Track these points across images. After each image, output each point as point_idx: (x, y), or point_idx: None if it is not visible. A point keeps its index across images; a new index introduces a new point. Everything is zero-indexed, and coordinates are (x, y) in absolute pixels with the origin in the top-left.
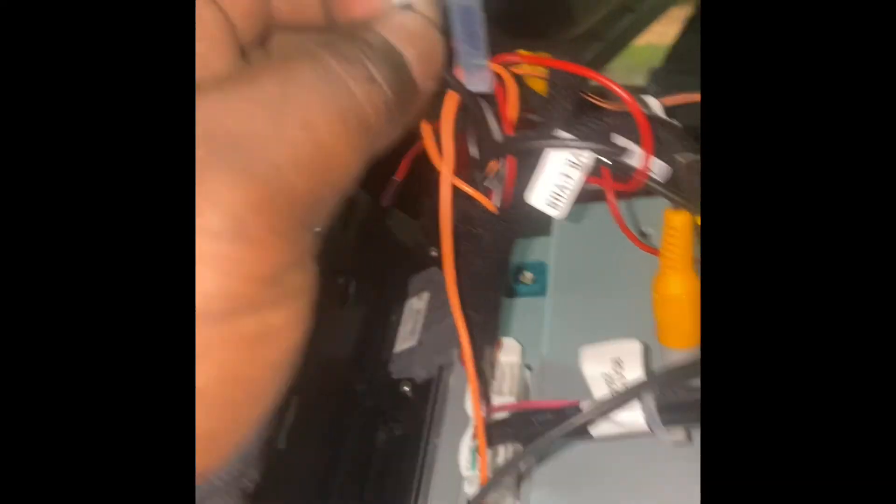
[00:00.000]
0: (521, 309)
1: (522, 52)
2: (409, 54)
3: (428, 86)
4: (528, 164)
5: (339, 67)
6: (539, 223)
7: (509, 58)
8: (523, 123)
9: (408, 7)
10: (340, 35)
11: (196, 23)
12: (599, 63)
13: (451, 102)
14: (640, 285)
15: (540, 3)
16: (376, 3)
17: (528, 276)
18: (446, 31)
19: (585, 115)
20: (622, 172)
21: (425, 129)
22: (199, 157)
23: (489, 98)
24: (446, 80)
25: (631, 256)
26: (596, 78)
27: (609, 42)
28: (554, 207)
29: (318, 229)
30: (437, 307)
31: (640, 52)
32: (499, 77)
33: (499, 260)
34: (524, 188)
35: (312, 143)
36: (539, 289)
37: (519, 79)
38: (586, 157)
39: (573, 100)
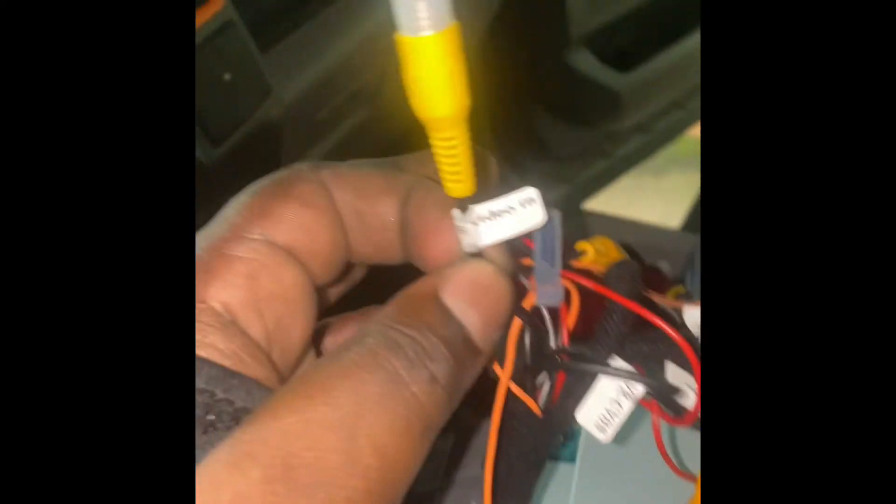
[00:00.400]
0: (548, 473)
1: (585, 244)
2: (473, 318)
3: (490, 344)
4: (580, 378)
5: (404, 372)
6: None
7: (578, 277)
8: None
9: (479, 255)
10: (405, 321)
11: (277, 284)
12: (644, 154)
13: (516, 327)
14: (671, 482)
15: (591, 96)
16: (449, 251)
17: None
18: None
19: (642, 335)
20: (672, 410)
21: None
22: (277, 492)
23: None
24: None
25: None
26: (648, 317)
27: (656, 134)
28: (601, 431)
29: None
30: (461, 453)
31: (689, 144)
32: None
33: (536, 458)
34: (573, 398)
35: (383, 468)
36: (569, 454)
37: (582, 290)
38: (639, 389)
39: (630, 322)
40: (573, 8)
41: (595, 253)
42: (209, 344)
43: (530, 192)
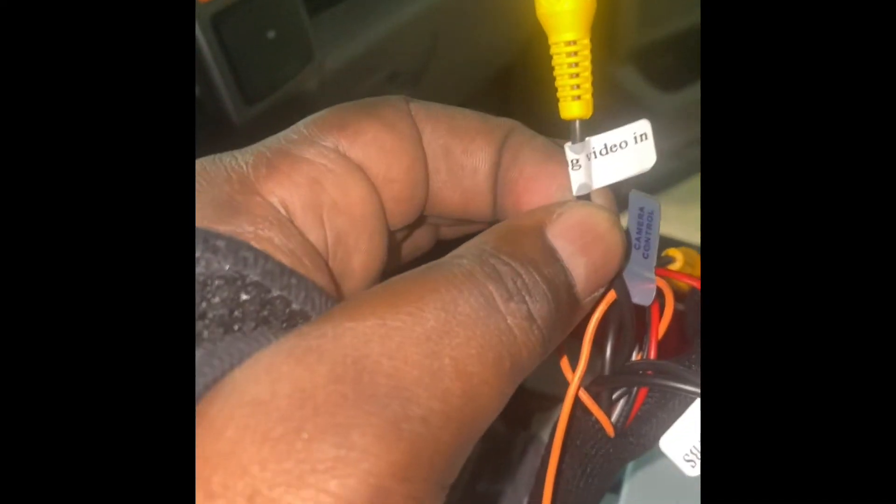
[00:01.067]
0: None
1: (674, 251)
2: (580, 266)
3: (591, 301)
4: (667, 398)
5: (501, 302)
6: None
7: (672, 273)
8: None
9: (587, 198)
10: (506, 250)
11: (342, 195)
12: (673, 181)
13: (596, 321)
14: None
15: (630, 114)
16: (550, 201)
17: None
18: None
19: None
20: None
21: None
22: (345, 394)
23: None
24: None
25: None
26: None
27: (688, 162)
28: (691, 464)
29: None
30: (487, 465)
31: None
32: (659, 291)
33: (599, 484)
34: (654, 421)
35: (465, 396)
36: (614, 486)
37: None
38: None
39: None
40: (624, 23)
41: (684, 262)
42: (265, 238)
43: (644, 126)
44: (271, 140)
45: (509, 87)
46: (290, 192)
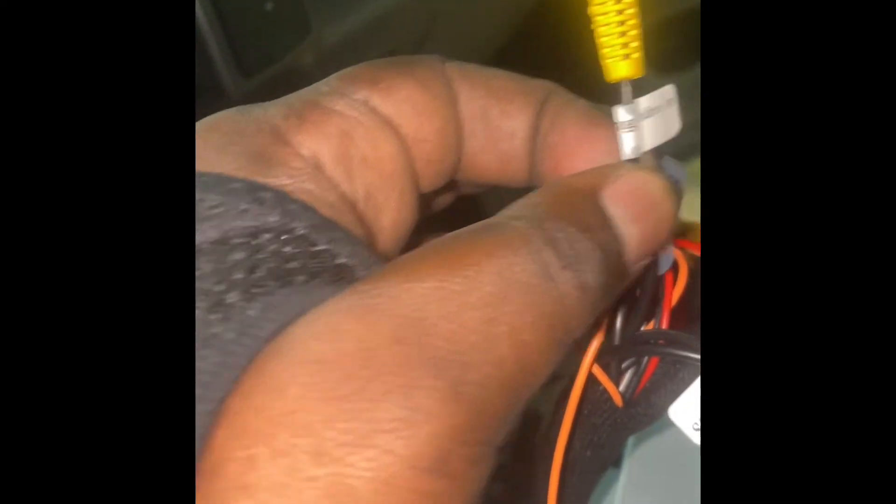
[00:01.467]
0: None
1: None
2: (632, 234)
3: (637, 271)
4: (677, 369)
5: (558, 269)
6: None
7: (681, 241)
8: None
9: (636, 162)
10: (563, 214)
11: (373, 150)
12: None
13: None
14: None
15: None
16: (593, 164)
17: None
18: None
19: None
20: None
21: None
22: (409, 355)
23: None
24: None
25: None
26: None
27: (681, 147)
28: (699, 434)
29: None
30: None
31: None
32: (675, 261)
33: (606, 455)
34: (662, 391)
35: (518, 363)
36: (615, 460)
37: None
38: None
39: None
40: None
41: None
42: (306, 189)
43: (670, 91)
44: (300, 92)
45: (507, 67)
46: (320, 145)
